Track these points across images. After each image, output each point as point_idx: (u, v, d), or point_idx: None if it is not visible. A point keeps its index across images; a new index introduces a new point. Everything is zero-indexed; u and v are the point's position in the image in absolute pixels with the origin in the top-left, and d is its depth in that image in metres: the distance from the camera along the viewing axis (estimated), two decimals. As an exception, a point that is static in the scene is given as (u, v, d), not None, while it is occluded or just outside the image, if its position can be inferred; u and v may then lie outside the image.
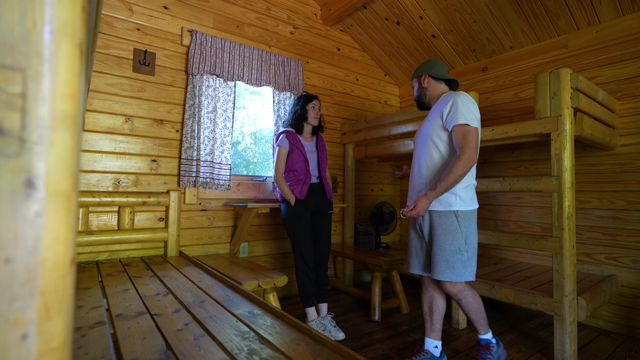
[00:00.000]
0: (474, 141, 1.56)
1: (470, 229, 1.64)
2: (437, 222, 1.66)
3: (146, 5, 2.41)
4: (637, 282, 2.27)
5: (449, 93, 1.75)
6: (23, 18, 0.25)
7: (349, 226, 3.34)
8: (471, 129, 1.57)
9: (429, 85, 1.83)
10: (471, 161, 1.55)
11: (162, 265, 2.03)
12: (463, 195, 1.63)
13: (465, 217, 1.63)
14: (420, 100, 1.88)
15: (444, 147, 1.68)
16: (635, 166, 2.31)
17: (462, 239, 1.62)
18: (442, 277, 1.63)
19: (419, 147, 1.80)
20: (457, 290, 1.66)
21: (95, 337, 0.98)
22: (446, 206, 1.64)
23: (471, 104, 1.61)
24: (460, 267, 1.61)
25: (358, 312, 2.61)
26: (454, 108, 1.61)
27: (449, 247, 1.62)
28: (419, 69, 1.87)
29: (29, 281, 0.25)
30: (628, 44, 2.36)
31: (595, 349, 2.06)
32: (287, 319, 1.15)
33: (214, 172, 2.53)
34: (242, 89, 3.09)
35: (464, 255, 1.61)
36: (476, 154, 1.57)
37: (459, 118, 1.58)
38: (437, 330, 1.81)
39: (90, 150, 2.18)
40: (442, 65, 1.83)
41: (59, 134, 0.27)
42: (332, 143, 3.40)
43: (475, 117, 1.59)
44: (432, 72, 1.81)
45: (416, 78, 1.88)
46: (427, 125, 1.77)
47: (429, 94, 1.84)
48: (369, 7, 3.17)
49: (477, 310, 1.70)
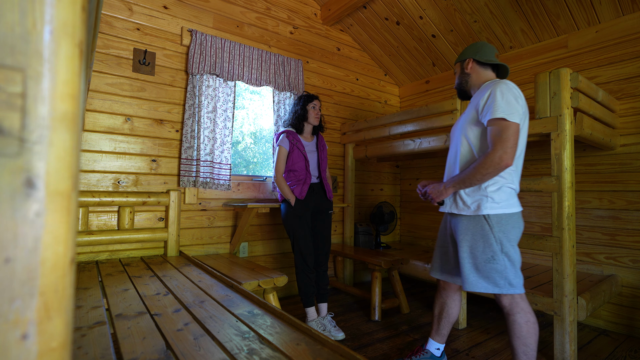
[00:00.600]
0: (511, 139, 1.34)
1: (507, 234, 1.43)
2: (465, 228, 1.50)
3: (146, 5, 2.40)
4: (637, 282, 2.27)
5: (491, 82, 1.52)
6: (23, 18, 0.25)
7: (348, 226, 3.35)
8: (509, 125, 1.35)
9: (472, 70, 1.60)
10: (502, 161, 1.34)
11: (162, 265, 2.03)
12: (496, 197, 1.43)
13: (499, 220, 1.43)
14: (460, 89, 1.66)
15: (477, 143, 1.49)
16: (635, 166, 2.31)
17: (497, 246, 1.43)
18: (476, 288, 1.46)
19: (452, 142, 1.64)
20: (507, 304, 1.46)
21: (95, 337, 0.98)
22: (475, 210, 1.46)
23: (512, 95, 1.39)
24: (497, 277, 1.42)
25: (358, 312, 2.61)
26: (492, 99, 1.40)
27: (480, 255, 1.45)
28: (463, 52, 1.65)
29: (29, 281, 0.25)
30: (628, 43, 2.36)
31: (595, 349, 2.06)
32: (287, 318, 1.15)
33: (214, 172, 2.53)
34: (242, 89, 3.09)
35: (499, 264, 1.42)
36: (512, 154, 1.34)
37: (495, 111, 1.37)
38: (443, 335, 1.75)
39: (90, 150, 2.18)
40: (491, 49, 1.59)
41: (58, 134, 0.27)
42: (332, 143, 3.40)
43: (517, 111, 1.37)
44: (478, 55, 1.58)
45: (459, 63, 1.66)
46: (462, 118, 1.60)
47: (471, 81, 1.61)
48: (369, 7, 3.17)
49: (524, 341, 1.43)
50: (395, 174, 4.00)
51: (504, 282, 1.42)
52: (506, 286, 1.42)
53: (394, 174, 3.98)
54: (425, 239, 3.68)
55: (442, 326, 1.74)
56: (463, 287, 1.52)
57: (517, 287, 1.43)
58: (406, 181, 3.96)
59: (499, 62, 1.57)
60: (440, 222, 3.55)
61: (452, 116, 2.43)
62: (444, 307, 1.73)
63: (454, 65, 1.71)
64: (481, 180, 1.40)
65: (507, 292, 1.42)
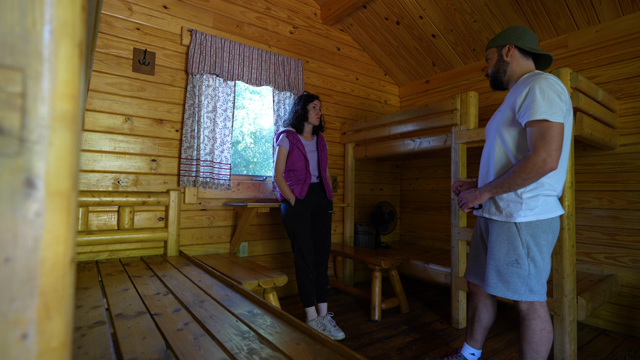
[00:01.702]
0: (554, 141, 1.22)
1: (536, 238, 1.34)
2: (494, 231, 1.43)
3: (146, 4, 2.40)
4: (636, 281, 2.27)
5: (529, 75, 1.37)
6: (23, 17, 0.25)
7: (348, 226, 3.35)
8: (552, 125, 1.22)
9: (512, 59, 1.43)
10: (546, 164, 1.22)
11: (161, 265, 2.03)
12: (531, 203, 1.33)
13: (530, 227, 1.34)
14: (496, 78, 1.49)
15: (513, 145, 1.37)
16: (635, 166, 2.31)
17: (523, 250, 1.34)
18: (494, 291, 1.39)
19: (487, 140, 1.51)
20: (524, 309, 1.39)
21: (95, 336, 0.98)
22: (507, 217, 1.37)
23: (554, 92, 1.25)
24: (517, 282, 1.35)
25: (358, 312, 2.61)
26: (530, 97, 1.27)
27: (503, 258, 1.38)
28: (502, 36, 1.46)
29: (29, 281, 0.25)
30: (628, 43, 2.36)
31: (594, 349, 2.06)
32: (287, 318, 1.15)
33: (214, 171, 2.53)
34: (242, 89, 3.09)
35: (522, 269, 1.34)
36: (556, 156, 1.23)
37: (535, 112, 1.24)
38: (477, 340, 1.68)
39: (90, 149, 2.18)
40: (533, 36, 1.43)
41: (58, 134, 0.27)
42: (332, 143, 3.40)
43: (561, 109, 1.24)
44: (521, 42, 1.41)
45: (495, 48, 1.48)
46: (497, 116, 1.45)
47: (510, 70, 1.45)
48: (369, 6, 3.17)
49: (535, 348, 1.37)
50: (395, 173, 4.00)
51: (525, 288, 1.35)
52: (526, 293, 1.35)
53: (393, 173, 3.98)
54: (425, 238, 3.68)
55: (475, 331, 1.68)
56: (484, 288, 1.46)
57: (538, 294, 1.35)
58: (406, 181, 3.96)
59: (542, 51, 1.42)
60: (440, 222, 3.55)
61: (452, 116, 2.43)
62: (476, 311, 1.67)
63: (487, 50, 1.53)
64: (522, 185, 1.29)
65: (527, 299, 1.35)
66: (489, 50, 1.53)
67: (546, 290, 1.38)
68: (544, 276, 1.36)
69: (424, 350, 2.01)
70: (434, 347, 2.05)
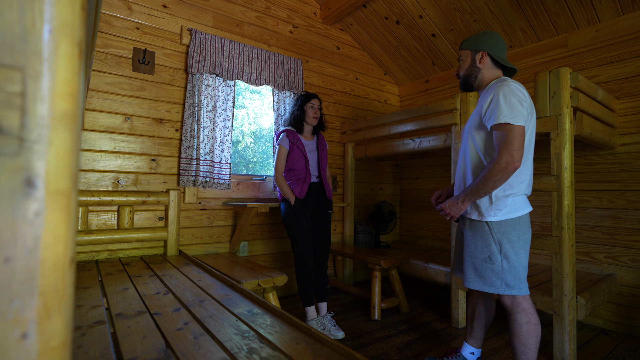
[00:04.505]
0: (516, 142, 1.34)
1: (508, 235, 1.44)
2: (469, 228, 1.54)
3: (145, 4, 2.40)
4: (636, 281, 2.27)
5: (495, 82, 1.48)
6: (22, 17, 0.25)
7: (348, 225, 3.35)
8: (513, 128, 1.34)
9: (484, 66, 1.53)
10: (509, 165, 1.33)
11: (161, 265, 2.03)
12: (500, 204, 1.44)
13: (500, 226, 1.45)
14: (467, 82, 1.59)
15: (483, 145, 1.48)
16: (635, 165, 2.31)
17: (495, 247, 1.44)
18: (473, 285, 1.50)
19: (462, 142, 1.62)
20: (508, 303, 1.47)
21: (95, 336, 0.98)
22: (479, 216, 1.49)
23: (515, 98, 1.37)
24: (492, 277, 1.44)
25: (358, 311, 2.61)
26: (494, 103, 1.39)
27: (478, 254, 1.49)
28: (476, 40, 1.54)
29: (29, 280, 0.25)
30: (628, 43, 2.36)
31: (594, 348, 2.07)
32: (287, 318, 1.15)
33: (214, 171, 2.53)
34: (242, 88, 3.09)
35: (495, 264, 1.44)
36: (518, 156, 1.34)
37: (499, 116, 1.36)
38: (477, 338, 1.71)
39: (89, 149, 2.18)
40: (504, 46, 1.54)
41: (58, 133, 0.27)
42: (332, 142, 3.40)
43: (521, 113, 1.35)
44: (493, 51, 1.51)
45: (469, 51, 1.56)
46: (470, 121, 1.57)
47: (481, 76, 1.55)
48: (369, 6, 3.17)
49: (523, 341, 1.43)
50: (395, 173, 4.00)
51: (500, 282, 1.43)
52: (503, 287, 1.43)
53: (393, 173, 3.98)
54: (425, 238, 3.68)
55: (474, 328, 1.71)
56: (463, 282, 1.56)
57: (516, 288, 1.43)
58: (406, 180, 3.96)
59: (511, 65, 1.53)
60: (439, 222, 3.55)
61: (451, 115, 2.43)
62: (475, 308, 1.71)
63: (460, 50, 1.60)
64: (493, 188, 1.39)
65: (504, 292, 1.44)
66: (462, 50, 1.59)
67: (527, 285, 1.45)
68: (520, 271, 1.44)
69: (424, 349, 2.01)
70: (433, 346, 2.05)
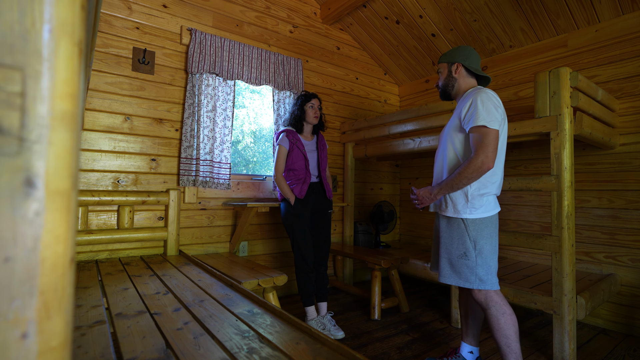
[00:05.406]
0: (491, 144, 1.45)
1: (481, 233, 1.53)
2: (445, 226, 1.62)
3: (145, 4, 2.40)
4: (636, 281, 2.27)
5: (473, 90, 1.61)
6: (22, 17, 0.25)
7: (348, 225, 3.35)
8: (489, 131, 1.46)
9: (459, 76, 1.67)
10: (484, 165, 1.44)
11: (161, 264, 2.03)
12: (476, 203, 1.54)
13: (475, 224, 1.54)
14: (445, 91, 1.73)
15: (461, 147, 1.59)
16: (635, 165, 2.31)
17: (470, 243, 1.53)
18: (449, 280, 1.58)
19: (440, 143, 1.73)
20: (482, 299, 1.54)
21: (95, 336, 0.98)
22: (455, 213, 1.57)
23: (492, 104, 1.49)
24: (467, 273, 1.53)
25: (357, 311, 2.61)
26: (473, 108, 1.51)
27: (454, 250, 1.57)
28: (452, 53, 1.70)
29: (29, 280, 0.25)
30: (628, 43, 2.36)
31: (594, 348, 2.07)
32: (287, 317, 1.15)
33: (214, 171, 2.53)
34: (242, 88, 3.09)
35: (470, 260, 1.53)
36: (492, 158, 1.45)
37: (477, 119, 1.47)
38: (473, 335, 1.74)
39: (89, 149, 2.18)
40: (477, 57, 1.68)
41: (58, 133, 0.27)
42: (332, 142, 3.40)
43: (496, 118, 1.47)
44: (467, 62, 1.65)
45: (446, 64, 1.71)
46: (449, 123, 1.68)
47: (457, 85, 1.69)
48: (369, 6, 3.17)
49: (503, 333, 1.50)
50: (395, 173, 4.00)
51: (474, 277, 1.52)
52: (477, 282, 1.52)
53: (393, 173, 3.98)
54: (425, 238, 3.68)
55: (469, 326, 1.74)
56: (439, 278, 1.63)
57: (488, 283, 1.52)
58: (406, 180, 3.96)
59: (484, 73, 1.68)
60: (439, 221, 3.56)
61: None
62: (468, 305, 1.74)
63: (438, 64, 1.76)
64: (467, 184, 1.50)
65: (478, 287, 1.52)
66: (440, 64, 1.75)
67: (497, 280, 1.55)
68: (492, 266, 1.54)
69: (424, 349, 2.01)
70: (433, 346, 2.06)
